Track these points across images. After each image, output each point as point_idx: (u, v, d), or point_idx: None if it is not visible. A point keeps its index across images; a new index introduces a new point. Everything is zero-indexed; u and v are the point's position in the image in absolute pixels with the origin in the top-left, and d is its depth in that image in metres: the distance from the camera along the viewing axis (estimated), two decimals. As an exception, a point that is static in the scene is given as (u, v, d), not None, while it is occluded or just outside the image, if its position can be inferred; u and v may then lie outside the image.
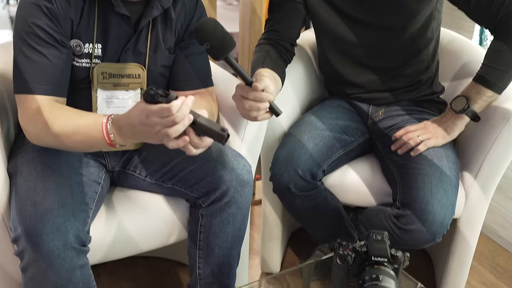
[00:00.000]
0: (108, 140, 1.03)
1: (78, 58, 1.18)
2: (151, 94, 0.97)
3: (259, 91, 1.13)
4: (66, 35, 1.13)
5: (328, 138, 1.50)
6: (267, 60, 1.39)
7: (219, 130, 1.00)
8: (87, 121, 1.06)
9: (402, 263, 1.07)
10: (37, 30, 1.09)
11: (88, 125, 1.05)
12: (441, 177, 1.35)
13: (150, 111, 0.96)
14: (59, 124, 1.07)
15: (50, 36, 1.10)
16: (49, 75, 1.11)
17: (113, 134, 1.03)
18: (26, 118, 1.11)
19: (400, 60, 1.51)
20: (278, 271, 1.79)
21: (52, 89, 1.11)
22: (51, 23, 1.10)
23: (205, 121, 1.00)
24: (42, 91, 1.10)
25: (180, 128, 0.97)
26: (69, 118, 1.08)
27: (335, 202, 1.53)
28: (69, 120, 1.08)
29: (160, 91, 0.98)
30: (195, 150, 1.02)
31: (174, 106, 0.95)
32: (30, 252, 1.03)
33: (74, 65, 1.18)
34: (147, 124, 0.97)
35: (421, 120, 1.52)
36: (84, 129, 1.06)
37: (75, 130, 1.06)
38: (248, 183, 1.25)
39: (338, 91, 1.66)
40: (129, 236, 1.27)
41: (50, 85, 1.11)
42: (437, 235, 1.32)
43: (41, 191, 1.08)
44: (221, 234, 1.26)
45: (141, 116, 0.97)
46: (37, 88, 1.10)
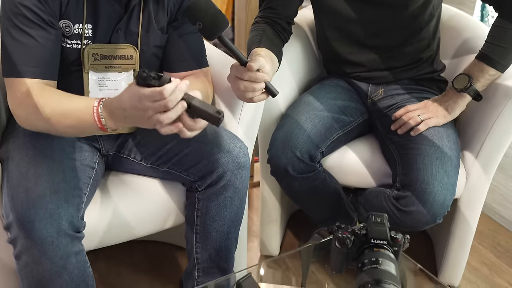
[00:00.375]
0: (99, 124, 1.00)
1: (68, 40, 1.15)
2: (143, 76, 0.94)
3: (254, 71, 1.09)
4: (54, 16, 1.10)
5: (326, 118, 1.47)
6: (263, 39, 1.35)
7: (214, 113, 0.97)
8: (78, 105, 1.03)
9: (402, 245, 1.05)
10: (24, 11, 1.05)
11: (79, 109, 1.02)
12: (442, 157, 1.33)
13: (142, 95, 0.93)
14: (49, 107, 1.04)
15: (37, 16, 1.06)
16: (37, 57, 1.08)
17: (104, 118, 1.00)
18: (15, 102, 1.08)
19: (401, 38, 1.47)
20: (277, 254, 1.78)
21: (42, 72, 1.08)
22: (38, 3, 1.06)
23: (199, 103, 0.98)
24: (31, 74, 1.07)
25: (172, 115, 0.95)
26: (60, 101, 1.05)
27: (334, 184, 1.51)
28: (59, 104, 1.05)
29: (153, 73, 0.95)
30: (190, 133, 1.00)
31: (167, 89, 0.92)
32: (23, 240, 1.01)
33: (64, 46, 1.15)
34: (139, 108, 0.94)
35: (422, 99, 1.49)
36: (75, 112, 1.03)
37: (66, 113, 1.04)
38: (245, 165, 1.22)
39: (337, 70, 1.62)
40: (124, 221, 1.25)
41: (39, 67, 1.08)
42: (437, 216, 1.30)
43: (33, 177, 1.05)
44: (218, 218, 1.24)
45: (133, 99, 0.95)
46: (26, 71, 1.06)
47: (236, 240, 1.32)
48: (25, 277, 1.06)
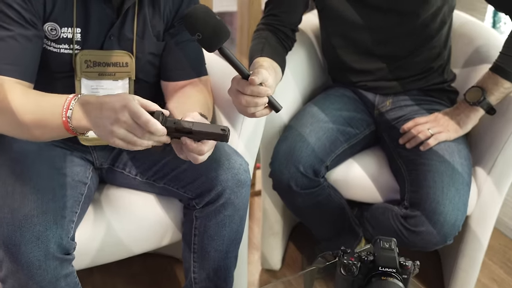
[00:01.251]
0: (64, 115, 0.90)
1: (55, 44, 1.08)
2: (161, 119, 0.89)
3: (257, 85, 1.03)
4: (37, 16, 1.03)
5: (331, 131, 1.40)
6: (265, 48, 1.29)
7: (220, 131, 0.91)
8: (53, 98, 0.95)
9: (411, 273, 0.98)
10: (4, 7, 0.99)
11: (51, 101, 0.94)
12: (453, 174, 1.26)
13: (130, 107, 0.85)
14: (18, 101, 0.95)
15: (18, 14, 1.00)
16: (15, 55, 1.01)
17: (72, 110, 0.90)
18: None
19: (410, 47, 1.40)
20: (278, 268, 1.72)
21: (17, 71, 1.01)
22: (20, 1, 1.00)
23: (201, 127, 0.92)
24: (4, 71, 0.99)
25: (142, 144, 0.88)
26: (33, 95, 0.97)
27: (339, 199, 1.44)
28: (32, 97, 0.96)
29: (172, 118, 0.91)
30: (202, 157, 0.95)
31: (153, 124, 0.86)
32: (8, 263, 0.95)
33: (51, 51, 1.08)
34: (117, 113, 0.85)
35: (431, 111, 1.42)
36: (44, 104, 0.94)
37: (35, 106, 0.94)
38: (245, 183, 1.16)
39: (342, 79, 1.56)
40: (118, 239, 1.18)
41: (16, 66, 1.01)
42: (448, 237, 1.24)
43: (20, 197, 0.99)
44: (216, 237, 1.18)
45: (118, 103, 0.86)
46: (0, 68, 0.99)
47: (235, 258, 1.26)
48: (12, 302, 1.01)
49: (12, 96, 0.95)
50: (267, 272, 1.72)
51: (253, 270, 1.72)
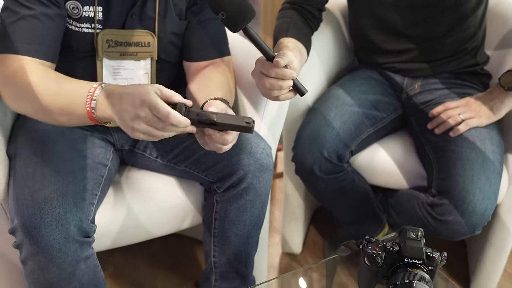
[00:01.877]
0: (88, 106, 0.89)
1: (77, 22, 1.06)
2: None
3: (282, 67, 0.99)
4: None
5: (357, 114, 1.36)
6: (291, 28, 1.24)
7: (244, 123, 0.89)
8: (77, 85, 0.93)
9: (438, 264, 0.95)
10: None
11: (75, 89, 0.92)
12: (484, 162, 1.21)
13: (150, 102, 0.83)
14: (43, 85, 0.93)
15: None
16: (36, 35, 0.98)
17: (96, 101, 0.89)
18: (3, 78, 0.97)
19: (443, 28, 1.34)
20: (299, 252, 1.70)
21: (39, 51, 0.98)
22: None
23: (225, 118, 0.89)
24: (27, 52, 0.97)
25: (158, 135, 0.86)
26: (58, 81, 0.95)
27: (363, 184, 1.41)
28: (56, 84, 0.94)
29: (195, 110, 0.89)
30: (226, 147, 0.93)
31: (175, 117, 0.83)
32: (28, 246, 0.95)
33: (73, 30, 1.06)
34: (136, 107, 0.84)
35: (462, 95, 1.36)
36: (69, 93, 0.92)
37: (59, 93, 0.93)
38: (267, 167, 1.13)
39: (370, 60, 1.50)
40: (139, 222, 1.18)
41: (38, 46, 0.98)
42: (476, 227, 1.19)
43: (40, 178, 0.98)
44: (237, 222, 1.16)
45: (138, 97, 0.83)
46: (22, 48, 0.97)
47: (256, 243, 1.24)
48: (32, 282, 1.01)
49: (35, 79, 0.93)
50: (287, 256, 1.70)
51: (274, 253, 1.71)
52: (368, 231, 1.49)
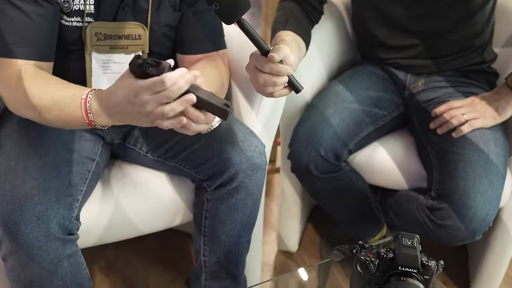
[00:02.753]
0: (87, 119, 0.88)
1: (67, 17, 1.02)
2: (138, 63, 0.82)
3: (276, 62, 0.94)
4: None
5: (356, 112, 1.31)
6: (290, 21, 1.19)
7: (222, 105, 0.84)
8: (66, 94, 0.91)
9: (434, 273, 0.91)
10: None
11: (66, 99, 0.90)
12: (487, 165, 1.16)
13: (139, 88, 0.81)
14: (37, 95, 0.92)
15: None
16: (31, 36, 0.96)
17: (92, 114, 0.87)
18: (1, 84, 0.96)
19: (450, 23, 1.28)
20: (295, 250, 1.66)
21: (34, 53, 0.96)
22: None
23: (205, 94, 0.85)
24: (22, 55, 0.95)
25: (176, 107, 0.82)
26: (50, 88, 0.93)
27: (361, 184, 1.36)
28: (47, 92, 0.92)
29: (150, 59, 0.83)
30: (196, 126, 0.87)
31: (168, 78, 0.80)
32: (8, 243, 0.92)
33: (62, 24, 1.02)
34: (136, 104, 0.82)
35: (467, 94, 1.31)
36: (62, 103, 0.90)
37: (54, 103, 0.91)
38: (260, 166, 1.09)
39: (372, 55, 1.45)
40: (127, 218, 1.14)
41: (32, 47, 0.96)
42: (477, 233, 1.15)
43: (22, 173, 0.95)
44: (228, 221, 1.12)
45: (129, 94, 0.82)
46: (16, 51, 0.94)
47: (248, 243, 1.21)
48: (13, 280, 0.98)
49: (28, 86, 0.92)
50: (283, 254, 1.66)
51: (269, 250, 1.67)
52: (366, 232, 1.45)
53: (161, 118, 0.83)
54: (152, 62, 0.82)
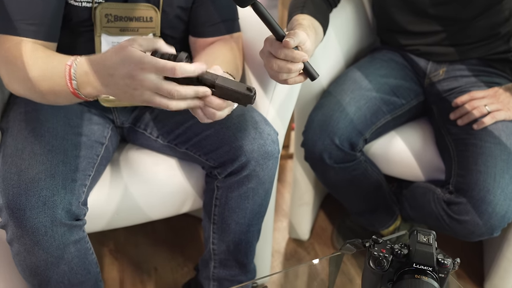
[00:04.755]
0: (70, 87, 0.82)
1: None
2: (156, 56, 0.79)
3: (292, 48, 0.90)
4: None
5: (374, 100, 1.27)
6: (307, 4, 1.14)
7: (245, 91, 0.80)
8: (54, 62, 0.86)
9: (450, 271, 0.87)
10: None
11: (53, 68, 0.85)
12: (509, 159, 1.11)
13: (148, 64, 0.75)
14: (30, 65, 0.87)
15: None
16: (35, 13, 0.92)
17: (76, 82, 0.82)
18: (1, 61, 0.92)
19: (475, 9, 1.22)
20: (306, 238, 1.64)
21: (38, 31, 0.92)
22: None
23: (225, 82, 0.81)
24: (25, 32, 0.91)
25: (182, 105, 0.79)
26: (41, 59, 0.88)
27: (376, 175, 1.32)
28: (39, 62, 0.87)
29: (168, 54, 0.79)
30: (220, 113, 0.84)
31: (180, 67, 0.76)
32: (13, 228, 0.90)
33: (72, 4, 0.99)
34: (137, 79, 0.76)
35: (491, 84, 1.25)
36: (50, 73, 0.85)
37: (43, 72, 0.86)
38: (272, 155, 1.06)
39: (392, 42, 1.40)
40: (135, 204, 1.12)
41: (37, 25, 0.92)
42: (495, 229, 1.11)
43: (29, 157, 0.93)
44: (238, 209, 1.10)
45: (133, 68, 0.76)
46: (20, 29, 0.91)
47: (258, 232, 1.18)
48: (19, 264, 0.97)
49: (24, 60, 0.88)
50: (294, 241, 1.64)
51: (280, 238, 1.65)
52: (380, 223, 1.42)
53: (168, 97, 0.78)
54: (170, 56, 0.79)
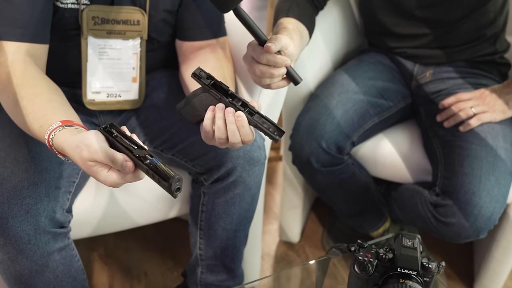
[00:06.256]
0: (47, 144, 0.81)
1: None
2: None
3: (274, 53, 0.89)
4: None
5: (361, 103, 1.27)
6: (292, 7, 1.14)
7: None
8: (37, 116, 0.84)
9: (434, 275, 0.87)
10: None
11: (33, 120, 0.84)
12: (494, 161, 1.12)
13: (93, 160, 0.74)
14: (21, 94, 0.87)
15: None
16: (23, 16, 0.91)
17: (54, 147, 0.81)
18: None
19: (461, 12, 1.22)
20: (297, 241, 1.63)
21: (25, 34, 0.92)
22: None
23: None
24: (11, 35, 0.90)
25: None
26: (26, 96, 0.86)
27: (364, 177, 1.32)
28: (23, 98, 0.86)
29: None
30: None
31: (116, 159, 0.72)
32: (-4, 236, 0.90)
33: (58, 6, 0.98)
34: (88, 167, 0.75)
35: (477, 86, 1.26)
36: (29, 119, 0.85)
37: (24, 112, 0.86)
38: (258, 161, 1.05)
39: (380, 44, 1.40)
40: (122, 210, 1.12)
41: (22, 28, 0.91)
42: (481, 231, 1.11)
43: (11, 164, 0.92)
44: (225, 215, 1.10)
45: (82, 164, 0.75)
46: (9, 33, 0.90)
47: (245, 237, 1.18)
48: (3, 272, 0.96)
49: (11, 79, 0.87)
50: (284, 244, 1.64)
51: (270, 240, 1.65)
52: (369, 225, 1.42)
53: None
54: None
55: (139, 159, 0.72)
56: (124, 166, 0.71)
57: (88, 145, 0.73)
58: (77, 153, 0.74)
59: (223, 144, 0.85)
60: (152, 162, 0.71)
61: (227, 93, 0.85)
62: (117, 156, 0.71)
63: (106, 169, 0.74)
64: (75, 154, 0.75)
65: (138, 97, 1.13)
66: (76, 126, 0.82)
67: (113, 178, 0.73)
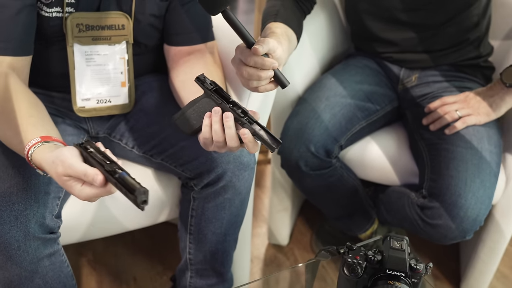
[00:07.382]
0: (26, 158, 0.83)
1: (47, 7, 0.98)
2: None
3: (261, 55, 0.90)
4: None
5: (348, 107, 1.28)
6: (280, 12, 1.15)
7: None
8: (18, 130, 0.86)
9: (422, 276, 0.89)
10: None
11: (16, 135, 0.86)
12: (480, 163, 1.14)
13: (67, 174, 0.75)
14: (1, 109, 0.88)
15: None
16: (7, 29, 0.91)
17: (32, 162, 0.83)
18: None
19: (444, 15, 1.25)
20: (286, 243, 1.64)
21: (9, 48, 0.92)
22: None
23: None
24: None
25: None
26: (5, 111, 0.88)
27: (352, 180, 1.34)
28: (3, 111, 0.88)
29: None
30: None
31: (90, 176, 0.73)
32: (-15, 243, 0.89)
33: (42, 15, 0.98)
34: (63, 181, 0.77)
35: (462, 89, 1.28)
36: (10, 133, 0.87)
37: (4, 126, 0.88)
38: (248, 166, 1.06)
39: (366, 48, 1.42)
40: (111, 215, 1.12)
41: (8, 42, 0.92)
42: (467, 232, 1.13)
43: (0, 170, 0.92)
44: (215, 220, 1.10)
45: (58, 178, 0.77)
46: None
47: (235, 241, 1.19)
48: (-8, 279, 0.95)
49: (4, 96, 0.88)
50: (273, 247, 1.65)
51: (259, 244, 1.66)
52: (357, 227, 1.44)
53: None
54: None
55: (109, 173, 0.73)
56: (95, 180, 0.73)
57: (62, 160, 0.75)
58: (53, 169, 0.76)
59: (221, 148, 0.86)
60: (121, 175, 0.72)
61: (228, 101, 0.86)
62: (89, 171, 0.73)
63: (80, 184, 0.75)
64: (51, 169, 0.77)
65: (128, 101, 1.13)
66: (55, 142, 0.84)
67: (86, 192, 0.75)
